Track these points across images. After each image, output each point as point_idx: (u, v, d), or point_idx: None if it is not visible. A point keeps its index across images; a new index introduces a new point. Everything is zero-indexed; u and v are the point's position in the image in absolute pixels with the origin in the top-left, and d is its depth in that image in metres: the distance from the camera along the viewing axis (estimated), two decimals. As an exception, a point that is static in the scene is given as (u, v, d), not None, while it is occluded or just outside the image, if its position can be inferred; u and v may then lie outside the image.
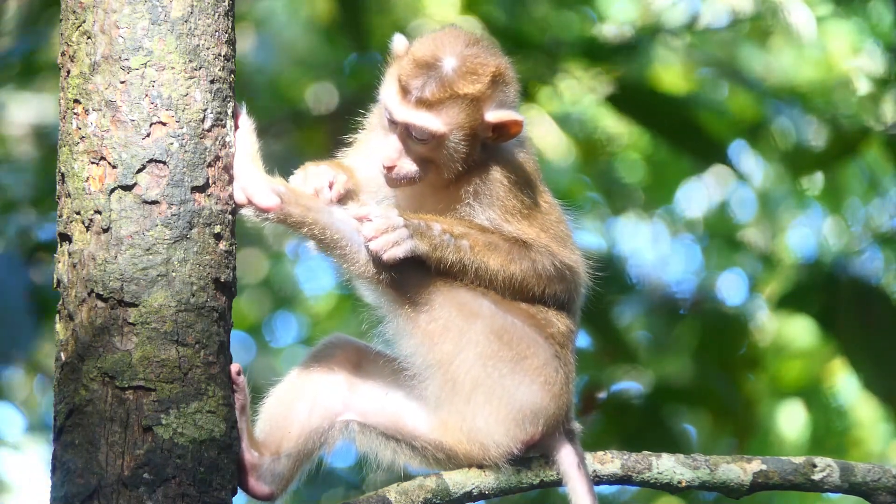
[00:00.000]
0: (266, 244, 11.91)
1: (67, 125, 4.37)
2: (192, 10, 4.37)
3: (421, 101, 4.52)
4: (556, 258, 4.58)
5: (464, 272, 4.51)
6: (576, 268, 4.63)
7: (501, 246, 4.53)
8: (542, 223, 4.61)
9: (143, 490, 4.19)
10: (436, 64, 4.54)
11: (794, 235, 11.94)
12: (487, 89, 4.54)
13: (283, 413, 4.62)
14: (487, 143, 4.59)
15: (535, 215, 4.61)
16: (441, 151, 4.55)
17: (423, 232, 4.47)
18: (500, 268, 4.52)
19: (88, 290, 4.27)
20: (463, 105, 4.53)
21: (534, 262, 4.55)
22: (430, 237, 4.47)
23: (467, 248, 4.49)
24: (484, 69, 4.56)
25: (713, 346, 9.76)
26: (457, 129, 4.54)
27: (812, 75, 10.93)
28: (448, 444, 4.54)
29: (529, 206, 4.61)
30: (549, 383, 4.55)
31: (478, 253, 4.50)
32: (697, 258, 11.83)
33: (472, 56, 4.56)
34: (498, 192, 4.58)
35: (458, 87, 4.52)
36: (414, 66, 4.55)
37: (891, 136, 9.31)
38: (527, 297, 4.57)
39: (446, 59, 4.55)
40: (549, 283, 4.58)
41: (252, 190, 4.42)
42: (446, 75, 4.53)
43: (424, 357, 4.54)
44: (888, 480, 4.65)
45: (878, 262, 10.15)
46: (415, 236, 4.44)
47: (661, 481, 4.61)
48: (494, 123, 4.57)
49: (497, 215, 4.57)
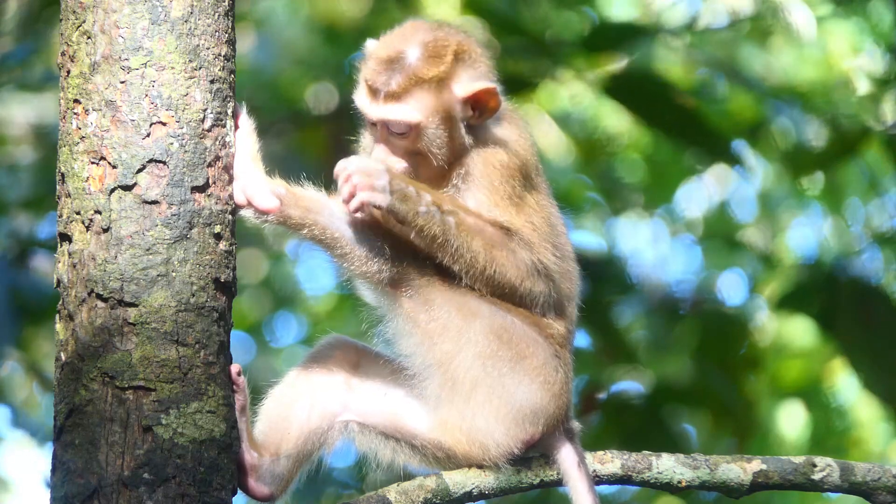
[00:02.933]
0: (266, 244, 11.91)
1: (67, 125, 4.37)
2: (192, 10, 4.37)
3: (389, 94, 4.53)
4: (536, 256, 4.56)
5: (445, 247, 4.46)
6: (553, 271, 4.58)
7: (486, 230, 4.51)
8: (530, 218, 4.59)
9: (143, 490, 4.19)
10: (397, 57, 4.55)
11: (794, 235, 11.95)
12: (451, 68, 4.54)
13: (282, 414, 4.62)
14: (471, 122, 4.59)
15: (524, 208, 4.59)
16: (422, 140, 4.55)
17: (407, 196, 4.43)
18: (483, 250, 4.49)
19: (88, 290, 4.27)
20: (430, 88, 4.53)
21: (514, 252, 4.54)
22: (415, 202, 4.43)
23: (452, 225, 4.46)
24: (445, 49, 4.56)
25: (713, 346, 9.76)
26: (432, 115, 4.54)
27: (812, 75, 10.93)
28: (448, 444, 4.54)
29: (520, 194, 4.59)
30: (549, 382, 4.55)
31: (462, 231, 4.48)
32: (697, 258, 11.84)
33: (431, 41, 4.57)
34: (489, 174, 4.56)
35: (422, 73, 4.52)
36: (377, 64, 4.56)
37: (891, 136, 9.31)
38: (504, 287, 4.54)
39: (407, 50, 4.55)
40: (527, 277, 4.55)
41: (252, 191, 4.43)
42: (409, 65, 4.53)
43: (424, 356, 4.54)
44: (888, 480, 4.65)
45: (878, 262, 10.16)
46: (395, 195, 4.40)
47: (661, 481, 4.61)
48: (467, 97, 4.56)
49: (485, 198, 4.55)
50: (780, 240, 11.69)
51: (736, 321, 10.06)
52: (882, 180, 10.59)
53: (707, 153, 9.34)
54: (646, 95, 8.85)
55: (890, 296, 9.10)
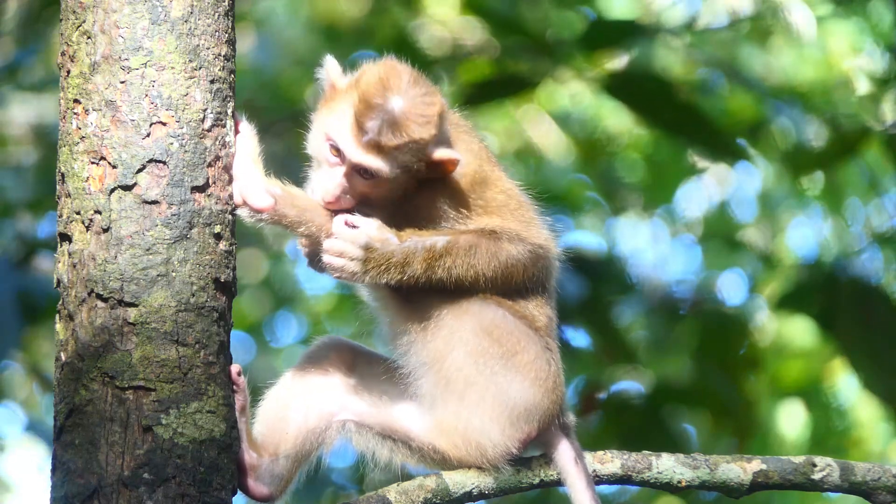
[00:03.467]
0: (266, 244, 11.91)
1: (67, 125, 4.37)
2: (192, 10, 4.37)
3: (375, 145, 4.52)
4: (527, 242, 4.59)
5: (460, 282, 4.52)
6: (546, 245, 4.63)
7: (480, 243, 4.54)
8: (502, 213, 4.62)
9: (143, 490, 4.19)
10: (386, 106, 4.51)
11: (794, 235, 11.95)
12: (436, 131, 4.55)
13: (280, 414, 4.63)
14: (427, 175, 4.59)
15: (493, 208, 4.62)
16: (381, 187, 4.56)
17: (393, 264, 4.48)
18: (483, 262, 4.53)
19: (88, 290, 4.27)
20: (414, 149, 4.53)
21: (508, 252, 4.56)
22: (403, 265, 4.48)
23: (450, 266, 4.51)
24: (431, 109, 4.55)
25: (713, 346, 9.76)
26: (403, 171, 4.55)
27: (812, 75, 10.93)
28: (444, 447, 4.55)
29: (487, 199, 4.62)
30: (542, 378, 4.56)
31: (458, 256, 4.52)
32: (697, 258, 11.84)
33: (419, 96, 4.54)
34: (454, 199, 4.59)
35: (413, 133, 4.52)
36: (365, 107, 4.53)
37: (891, 136, 9.30)
38: (512, 285, 4.57)
39: (395, 100, 4.52)
40: (527, 267, 4.59)
41: (247, 190, 4.43)
42: (399, 120, 4.51)
43: (417, 355, 4.56)
44: (888, 480, 4.65)
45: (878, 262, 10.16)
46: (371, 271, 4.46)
47: (661, 481, 4.61)
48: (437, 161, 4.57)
49: (458, 217, 4.58)
50: (780, 240, 11.69)
51: (736, 321, 10.06)
52: (882, 180, 10.59)
53: (708, 150, 9.34)
54: (646, 93, 8.85)
55: (890, 296, 9.10)
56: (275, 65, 11.35)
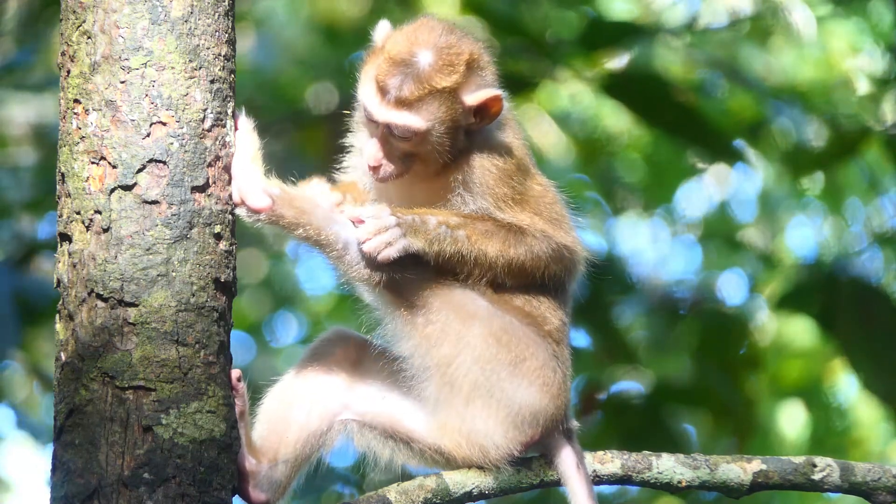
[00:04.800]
0: (266, 244, 11.91)
1: (67, 125, 4.37)
2: (192, 10, 4.37)
3: (400, 100, 4.51)
4: (553, 241, 4.57)
5: (463, 262, 4.49)
6: (573, 247, 4.62)
7: (497, 233, 4.51)
8: (536, 207, 4.60)
9: (143, 490, 4.19)
10: (411, 60, 4.52)
11: (794, 235, 11.95)
12: (464, 78, 4.53)
13: (281, 417, 4.61)
14: (471, 128, 4.58)
15: (528, 200, 4.60)
16: (424, 146, 4.54)
17: (417, 228, 4.45)
18: (499, 254, 4.50)
19: (88, 290, 4.27)
20: (442, 98, 4.52)
21: (531, 247, 4.54)
22: (426, 232, 4.46)
23: (464, 238, 4.47)
24: (458, 58, 4.54)
25: (713, 346, 9.76)
26: (438, 123, 4.53)
27: (812, 75, 10.93)
28: (447, 448, 4.54)
29: (521, 191, 4.60)
30: (548, 384, 4.55)
31: (475, 242, 4.48)
32: (697, 258, 11.84)
33: (445, 48, 4.54)
34: (487, 180, 4.56)
35: (436, 82, 4.51)
36: (390, 65, 4.53)
37: (891, 136, 9.31)
38: (527, 281, 4.56)
39: (421, 54, 4.53)
40: (548, 265, 4.57)
41: (245, 190, 4.42)
42: (422, 71, 4.51)
43: (423, 359, 4.53)
44: (888, 480, 4.65)
45: (878, 262, 10.16)
46: (408, 234, 4.43)
47: (661, 481, 4.61)
48: (475, 106, 4.56)
49: (489, 204, 4.56)
50: (780, 240, 11.69)
51: (736, 321, 10.06)
52: (882, 180, 10.59)
53: (708, 151, 9.34)
54: (645, 94, 8.85)
55: (890, 296, 9.10)
56: (275, 65, 11.34)
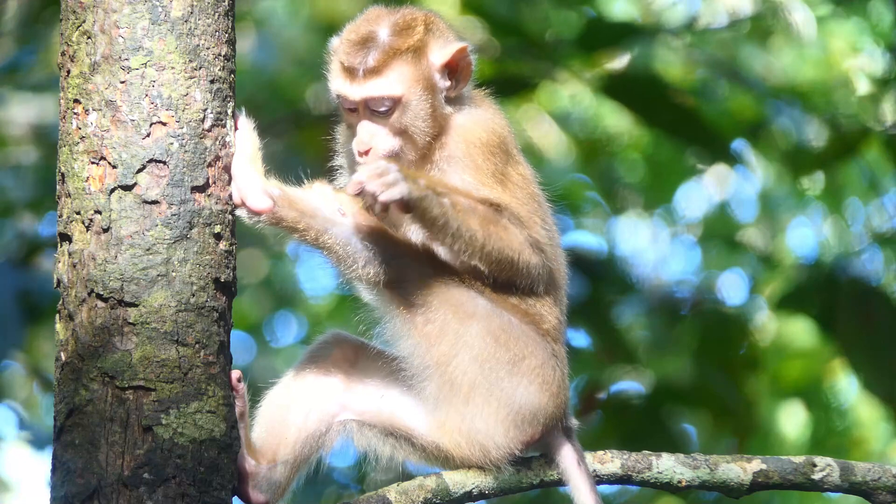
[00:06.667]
0: (266, 244, 11.91)
1: (67, 125, 4.37)
2: (192, 10, 4.37)
3: (368, 71, 4.55)
4: (526, 231, 4.55)
5: (445, 229, 4.44)
6: (544, 244, 4.58)
7: (478, 209, 4.50)
8: (515, 193, 4.59)
9: (143, 490, 4.19)
10: (369, 35, 4.58)
11: (794, 235, 11.95)
12: (424, 37, 4.59)
13: (280, 418, 4.61)
14: (449, 94, 4.60)
15: (508, 185, 4.59)
16: (406, 116, 4.56)
17: (413, 178, 4.45)
18: (479, 227, 4.48)
19: (88, 290, 4.27)
20: (408, 59, 4.57)
21: (506, 228, 4.53)
22: (419, 186, 4.45)
23: (449, 206, 4.46)
24: (415, 21, 4.62)
25: (713, 346, 9.76)
26: (413, 86, 4.56)
27: (812, 75, 10.94)
28: (447, 446, 4.54)
29: (503, 171, 4.60)
30: (548, 383, 4.55)
31: (458, 212, 4.47)
32: (697, 258, 11.84)
33: (400, 17, 4.62)
34: (472, 153, 4.57)
35: (398, 44, 4.56)
36: (350, 46, 4.59)
37: (891, 136, 9.31)
38: (504, 262, 4.53)
39: (378, 29, 4.59)
40: (523, 249, 4.54)
41: (245, 191, 4.42)
42: (383, 41, 4.57)
43: (422, 358, 4.53)
44: (888, 480, 4.65)
45: (878, 262, 10.16)
46: (407, 180, 4.42)
47: (661, 481, 4.61)
48: (444, 63, 4.59)
49: (470, 177, 4.55)
50: (780, 240, 11.69)
51: (736, 321, 10.06)
52: (882, 180, 10.59)
53: (707, 153, 9.35)
54: (645, 95, 8.85)
55: (890, 296, 9.10)
56: (275, 65, 11.34)
